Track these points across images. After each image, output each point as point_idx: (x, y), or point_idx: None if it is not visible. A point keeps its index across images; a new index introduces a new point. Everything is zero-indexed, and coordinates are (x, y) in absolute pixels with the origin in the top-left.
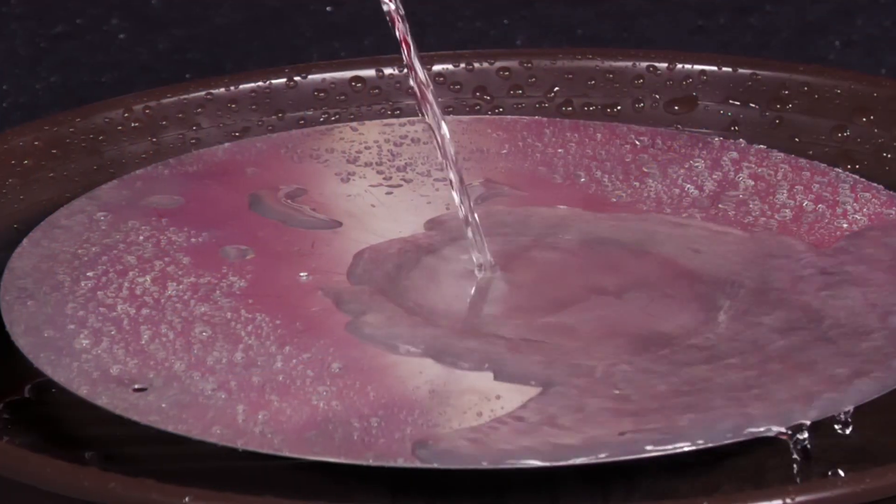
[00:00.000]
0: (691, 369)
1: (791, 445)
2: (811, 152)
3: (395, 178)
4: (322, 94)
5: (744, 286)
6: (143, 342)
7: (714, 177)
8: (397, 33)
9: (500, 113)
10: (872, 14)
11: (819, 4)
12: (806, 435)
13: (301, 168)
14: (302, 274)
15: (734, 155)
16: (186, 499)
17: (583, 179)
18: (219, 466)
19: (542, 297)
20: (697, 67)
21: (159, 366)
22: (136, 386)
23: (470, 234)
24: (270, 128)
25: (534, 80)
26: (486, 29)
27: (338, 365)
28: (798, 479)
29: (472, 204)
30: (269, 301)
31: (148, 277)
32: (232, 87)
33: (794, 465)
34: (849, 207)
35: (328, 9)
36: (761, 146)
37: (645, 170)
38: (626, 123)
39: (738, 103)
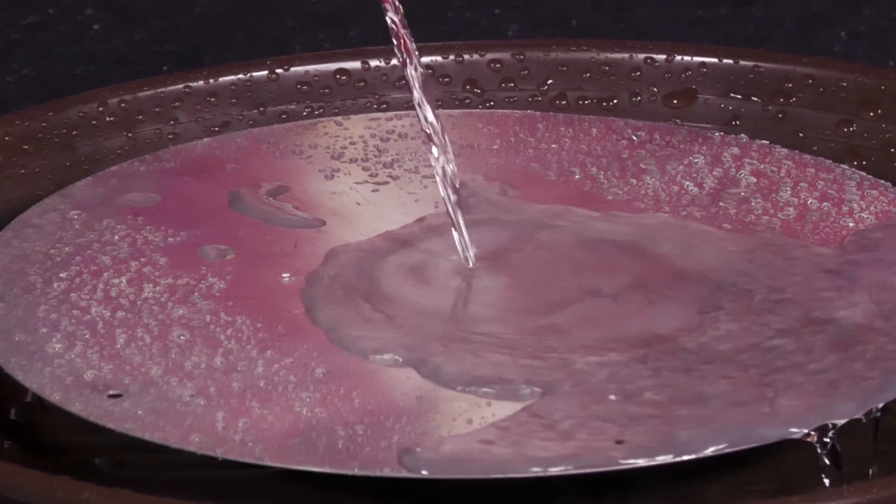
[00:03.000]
0: (691, 374)
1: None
2: (816, 148)
3: (382, 175)
4: (305, 88)
5: (746, 287)
6: (119, 346)
7: (714, 174)
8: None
9: (491, 107)
10: (879, 4)
11: None
12: (808, 440)
13: (283, 164)
14: (284, 275)
15: (735, 151)
16: None
17: (577, 176)
18: (198, 475)
19: (536, 299)
20: (697, 59)
21: (135, 371)
22: (111, 392)
23: (453, 230)
24: (251, 122)
25: (526, 72)
26: (477, 19)
27: (322, 370)
28: (802, 488)
29: (456, 199)
30: (249, 303)
31: (123, 279)
32: (211, 80)
33: (799, 474)
34: (855, 205)
35: None
36: (764, 141)
37: (642, 166)
38: (622, 118)
39: (739, 97)
